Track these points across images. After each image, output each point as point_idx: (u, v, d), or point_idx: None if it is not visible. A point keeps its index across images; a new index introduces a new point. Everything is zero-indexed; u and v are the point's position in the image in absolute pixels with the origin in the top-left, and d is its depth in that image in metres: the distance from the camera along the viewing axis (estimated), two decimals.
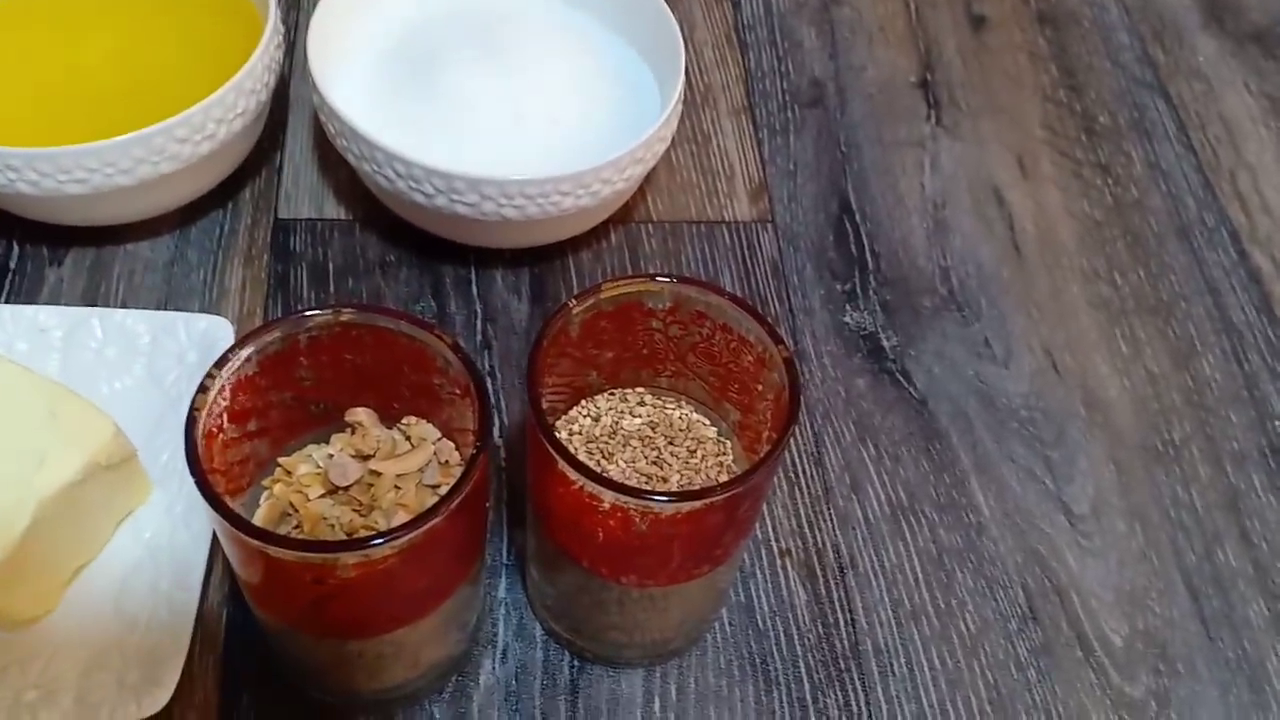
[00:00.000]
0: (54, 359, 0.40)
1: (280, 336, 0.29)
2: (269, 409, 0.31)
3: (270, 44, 0.42)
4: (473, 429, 0.29)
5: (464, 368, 0.29)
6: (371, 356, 0.31)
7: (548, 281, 0.46)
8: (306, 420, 0.33)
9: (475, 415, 0.28)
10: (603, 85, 0.46)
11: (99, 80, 0.44)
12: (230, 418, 0.30)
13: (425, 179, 0.39)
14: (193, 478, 0.28)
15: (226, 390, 0.29)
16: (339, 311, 0.30)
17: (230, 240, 0.45)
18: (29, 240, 0.44)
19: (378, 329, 0.30)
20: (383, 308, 0.30)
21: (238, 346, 0.29)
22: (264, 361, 0.30)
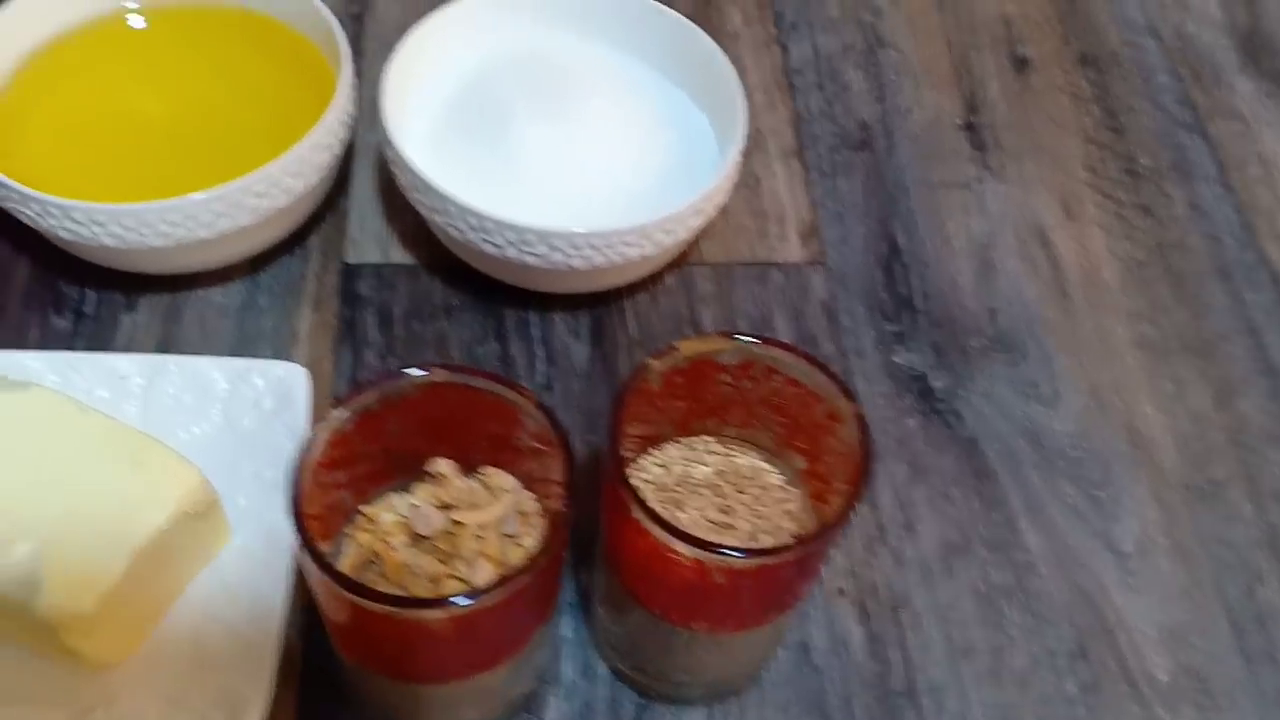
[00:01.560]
0: (133, 405, 0.41)
1: (378, 396, 0.31)
2: (357, 460, 0.33)
3: (344, 98, 0.43)
4: (557, 481, 0.31)
5: (550, 426, 0.30)
6: (457, 411, 0.32)
7: (606, 324, 0.47)
8: (388, 470, 0.34)
9: (561, 474, 0.29)
10: (661, 132, 0.47)
11: (167, 128, 0.46)
12: (323, 469, 0.31)
13: (497, 231, 0.41)
14: (295, 531, 0.29)
15: (324, 443, 0.31)
16: (433, 372, 0.31)
17: (299, 286, 0.47)
18: (103, 286, 0.46)
19: (467, 388, 0.31)
20: (473, 368, 0.31)
21: (341, 405, 0.30)
22: (359, 417, 0.31)
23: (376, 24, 0.57)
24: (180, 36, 0.48)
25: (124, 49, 0.47)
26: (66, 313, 0.45)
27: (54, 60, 0.46)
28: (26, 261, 0.46)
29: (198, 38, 0.48)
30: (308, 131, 0.44)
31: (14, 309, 0.45)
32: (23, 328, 0.44)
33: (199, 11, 0.48)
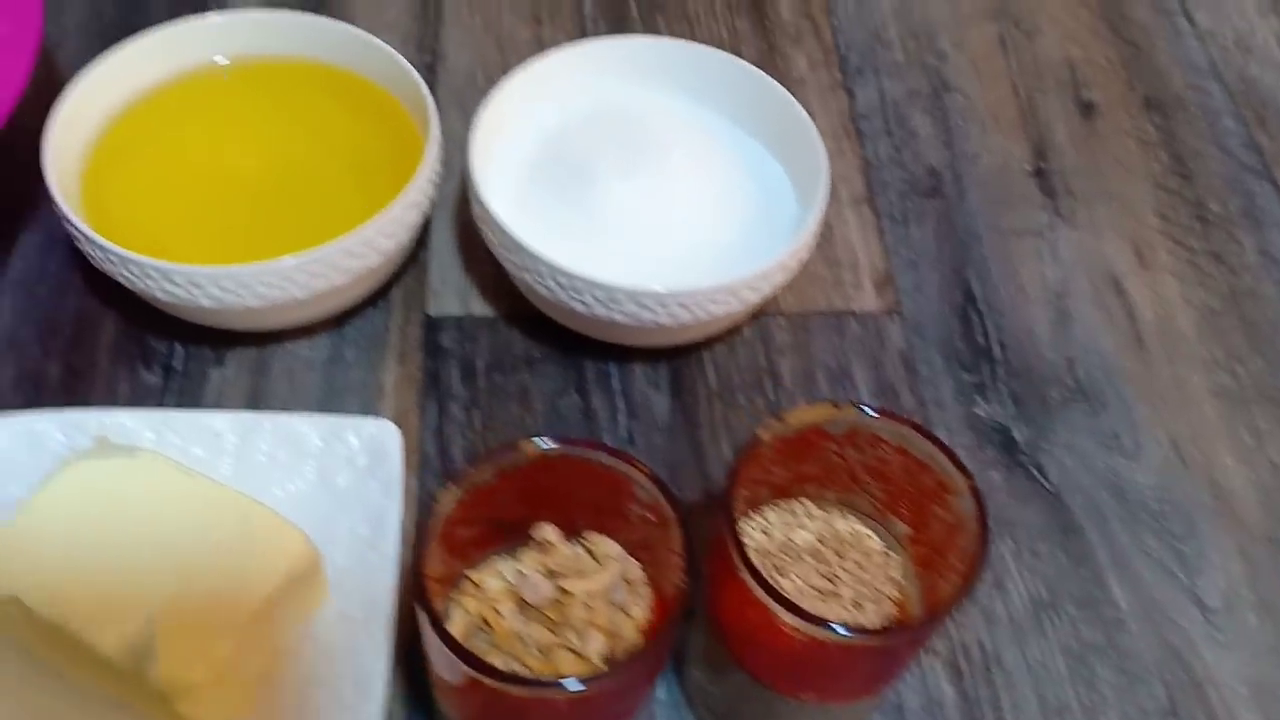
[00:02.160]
0: (227, 463, 0.41)
1: (495, 468, 0.31)
2: (465, 527, 0.33)
3: (433, 156, 0.44)
4: (672, 553, 0.31)
5: (666, 501, 0.30)
6: (567, 480, 0.32)
7: (685, 375, 0.47)
8: (493, 535, 0.35)
9: (679, 550, 0.30)
10: (739, 184, 0.47)
11: (252, 182, 0.46)
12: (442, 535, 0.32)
13: (586, 290, 0.41)
14: (419, 600, 0.29)
15: (449, 510, 0.31)
16: (546, 444, 0.31)
17: (383, 339, 0.47)
18: (191, 341, 0.46)
19: (580, 459, 0.31)
20: (588, 441, 0.32)
21: (455, 483, 0.31)
22: (472, 488, 0.31)
23: (448, 74, 0.57)
24: (265, 89, 0.48)
25: (211, 103, 0.48)
26: (156, 367, 0.45)
27: (143, 115, 0.47)
28: (114, 315, 0.47)
29: (282, 91, 0.48)
30: (392, 187, 0.44)
31: (103, 364, 0.45)
32: (112, 383, 0.45)
33: (284, 65, 0.48)
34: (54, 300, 0.47)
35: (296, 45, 0.48)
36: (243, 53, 0.49)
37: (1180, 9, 0.65)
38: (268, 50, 0.48)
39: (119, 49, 0.46)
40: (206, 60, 0.48)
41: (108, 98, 0.46)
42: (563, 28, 0.60)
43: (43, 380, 0.44)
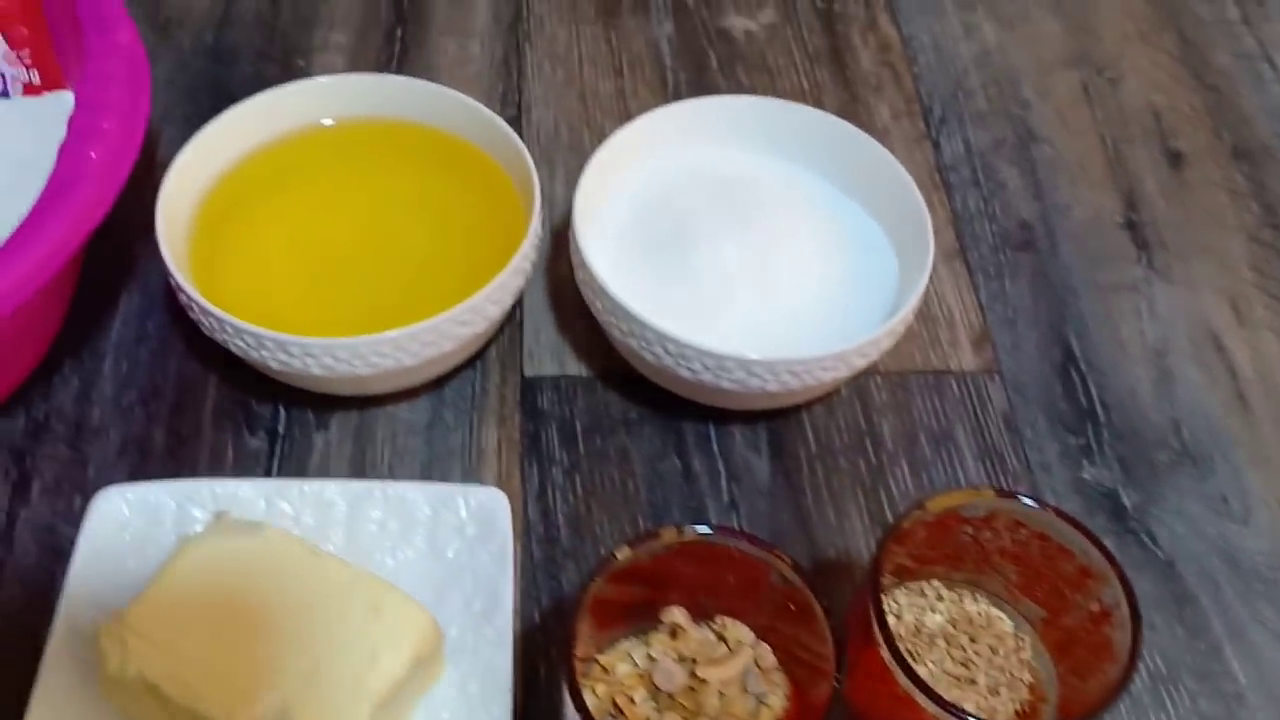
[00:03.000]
0: (339, 531, 0.41)
1: (632, 554, 0.30)
2: (598, 611, 0.33)
3: (537, 222, 0.44)
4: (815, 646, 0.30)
5: (810, 592, 0.30)
6: (704, 565, 0.32)
7: (785, 437, 0.47)
8: (621, 617, 0.34)
9: (828, 649, 0.29)
10: (839, 245, 0.47)
11: (353, 246, 0.46)
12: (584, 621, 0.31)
13: (696, 358, 0.41)
14: (569, 686, 0.29)
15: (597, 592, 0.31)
16: (684, 532, 0.31)
17: (482, 400, 0.47)
18: (294, 405, 0.46)
19: (721, 546, 0.31)
20: (726, 528, 0.31)
21: (598, 571, 0.30)
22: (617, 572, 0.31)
23: (532, 128, 0.57)
24: (367, 150, 0.48)
25: (315, 164, 0.48)
26: (260, 432, 0.45)
27: (248, 176, 0.47)
28: (215, 379, 0.47)
29: (384, 152, 0.48)
30: (490, 249, 0.45)
31: (207, 429, 0.45)
32: (218, 448, 0.45)
33: (387, 126, 0.48)
34: (156, 364, 0.47)
35: (398, 107, 0.48)
36: (348, 114, 0.49)
37: (1261, 54, 0.65)
38: (372, 112, 0.48)
39: (227, 114, 0.46)
40: (311, 120, 0.48)
41: (215, 161, 0.46)
42: (644, 80, 0.60)
43: (149, 446, 0.44)
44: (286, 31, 0.60)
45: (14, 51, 0.47)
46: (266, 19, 0.60)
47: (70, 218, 0.38)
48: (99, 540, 0.39)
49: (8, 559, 0.41)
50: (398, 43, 0.60)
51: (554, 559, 0.43)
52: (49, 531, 0.42)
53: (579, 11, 0.63)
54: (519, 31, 0.62)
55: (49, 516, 0.42)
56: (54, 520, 0.42)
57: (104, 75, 0.42)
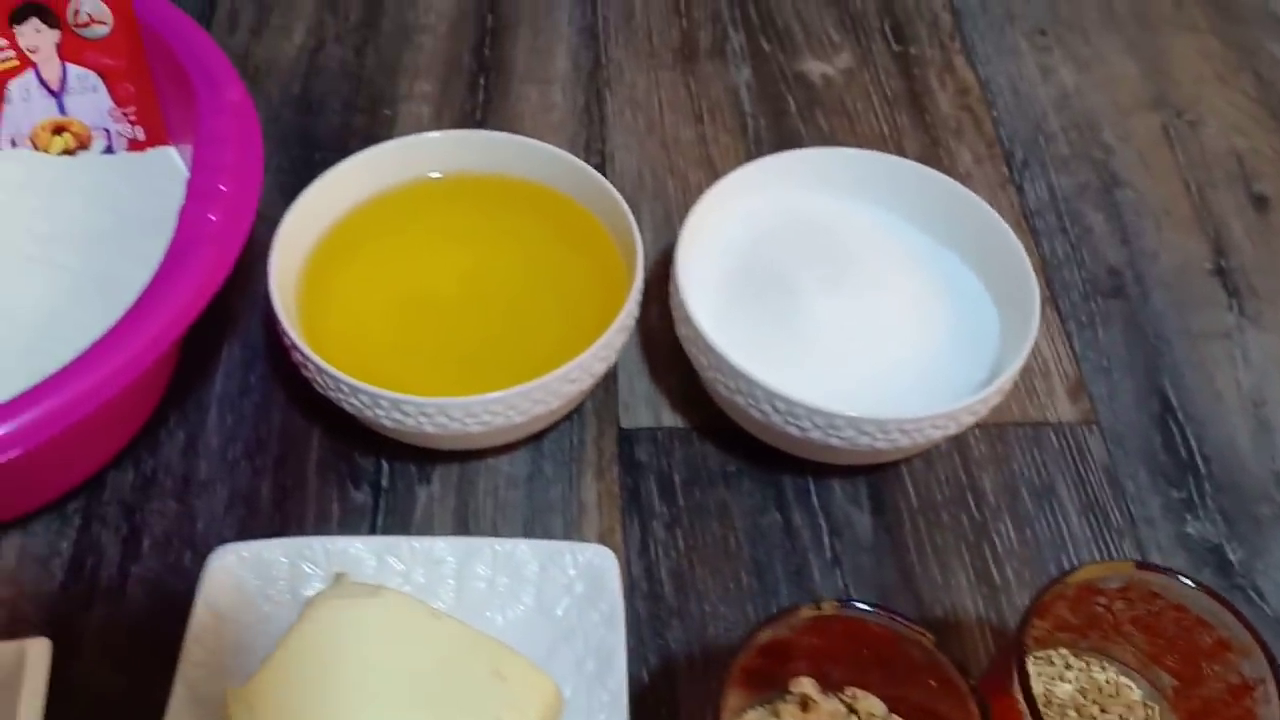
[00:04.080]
0: (449, 588, 0.41)
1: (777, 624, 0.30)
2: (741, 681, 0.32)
3: (640, 278, 0.44)
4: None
5: (954, 669, 0.30)
6: (833, 636, 0.32)
7: (885, 491, 0.47)
8: (746, 686, 0.34)
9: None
10: (939, 297, 0.47)
11: (456, 300, 0.46)
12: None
13: (806, 416, 0.41)
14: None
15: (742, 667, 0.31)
16: (824, 606, 0.31)
17: (580, 453, 0.47)
18: (397, 458, 0.46)
19: (859, 621, 0.31)
20: (872, 605, 0.31)
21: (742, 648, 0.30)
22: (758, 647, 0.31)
23: (616, 175, 0.58)
24: (470, 204, 0.49)
25: (419, 217, 0.48)
26: (365, 486, 0.46)
27: (355, 229, 0.47)
28: (318, 431, 0.47)
29: (487, 205, 0.49)
30: (590, 303, 0.45)
31: (312, 482, 0.46)
32: (324, 502, 0.45)
33: (490, 180, 0.49)
34: (259, 416, 0.47)
35: (502, 162, 0.48)
36: (454, 168, 0.49)
37: None
38: (477, 166, 0.49)
39: (335, 169, 0.47)
40: (419, 174, 0.49)
41: (321, 216, 0.47)
42: (724, 125, 0.60)
43: (255, 500, 0.45)
44: (372, 80, 0.61)
45: (120, 109, 0.48)
46: (352, 68, 0.61)
47: (195, 280, 0.38)
48: (215, 598, 0.40)
49: (120, 614, 0.41)
50: (481, 91, 0.61)
51: (659, 616, 0.43)
52: (160, 586, 0.42)
53: (657, 58, 0.64)
54: (599, 78, 0.62)
55: (159, 571, 0.42)
56: (164, 575, 0.42)
57: (217, 135, 0.43)
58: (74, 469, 0.43)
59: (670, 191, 0.57)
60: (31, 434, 0.35)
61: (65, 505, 0.44)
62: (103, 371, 0.36)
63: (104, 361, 0.36)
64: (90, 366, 0.36)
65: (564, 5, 0.66)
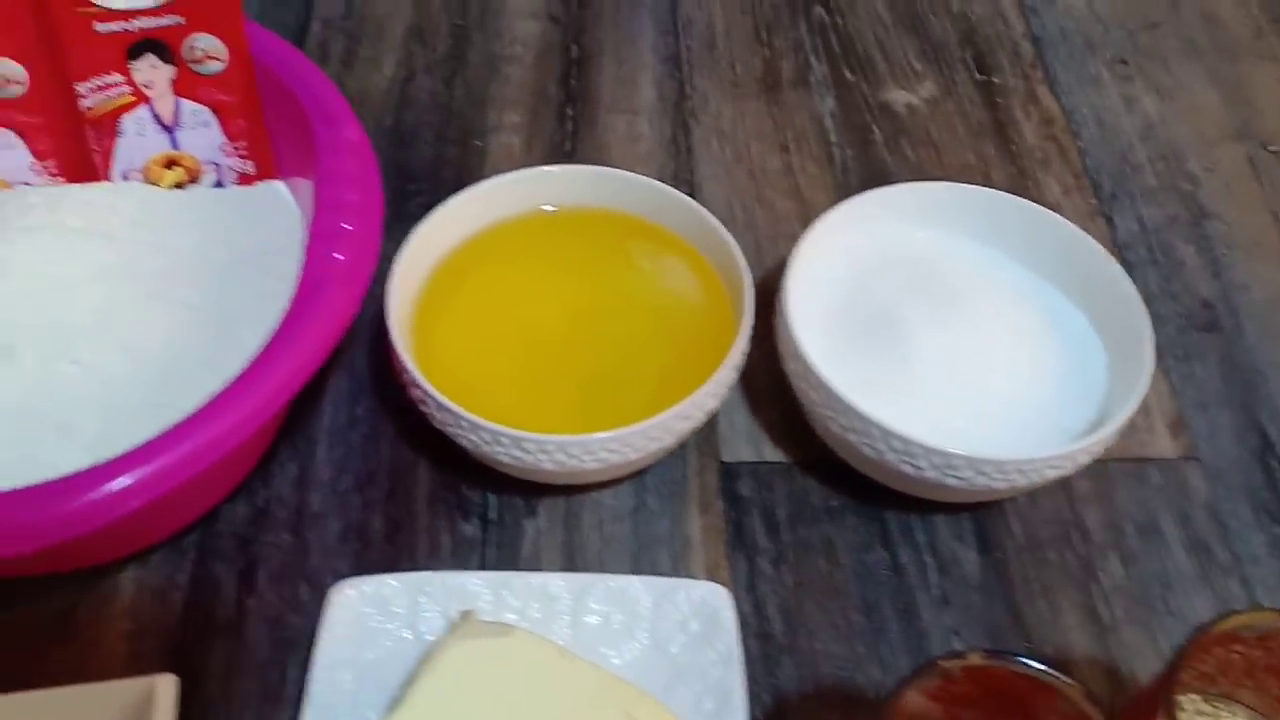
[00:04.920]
0: (563, 624, 0.41)
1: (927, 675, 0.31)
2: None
3: (750, 316, 0.44)
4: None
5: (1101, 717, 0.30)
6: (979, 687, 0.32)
7: (990, 528, 0.47)
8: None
9: None
10: (1046, 334, 0.47)
11: (563, 333, 0.47)
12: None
13: (923, 455, 0.41)
14: None
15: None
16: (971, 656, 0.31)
17: (682, 486, 0.47)
18: (503, 491, 0.47)
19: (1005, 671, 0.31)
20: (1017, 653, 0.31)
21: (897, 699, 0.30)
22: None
23: (704, 205, 0.57)
24: (581, 238, 0.49)
25: (529, 250, 0.49)
26: (473, 519, 0.46)
27: (462, 262, 0.48)
28: (425, 464, 0.47)
29: (598, 240, 0.49)
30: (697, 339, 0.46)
31: (422, 515, 0.46)
32: (434, 535, 0.45)
33: (600, 214, 0.49)
34: (367, 449, 0.48)
35: (609, 197, 0.49)
36: (566, 202, 0.50)
37: None
38: (585, 201, 0.49)
39: (445, 206, 0.47)
40: (533, 206, 0.49)
41: (432, 251, 0.47)
42: (810, 155, 0.61)
43: (367, 532, 0.45)
44: (461, 112, 0.61)
45: (232, 143, 0.48)
46: (441, 100, 0.62)
47: (326, 321, 0.39)
48: (338, 634, 0.40)
49: (239, 649, 0.42)
50: (569, 121, 0.61)
51: (770, 654, 0.43)
52: (278, 621, 0.42)
53: (741, 87, 0.64)
54: (684, 109, 0.63)
55: (277, 605, 0.43)
56: (282, 608, 0.43)
57: (338, 174, 0.43)
58: (197, 505, 0.44)
59: (759, 222, 0.57)
60: (173, 475, 0.35)
61: (181, 538, 0.44)
62: (238, 415, 0.36)
63: (239, 405, 0.36)
64: (226, 409, 0.36)
65: (646, 35, 0.67)
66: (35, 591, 0.42)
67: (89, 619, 0.42)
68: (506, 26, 0.66)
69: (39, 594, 0.43)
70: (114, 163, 0.48)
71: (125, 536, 0.41)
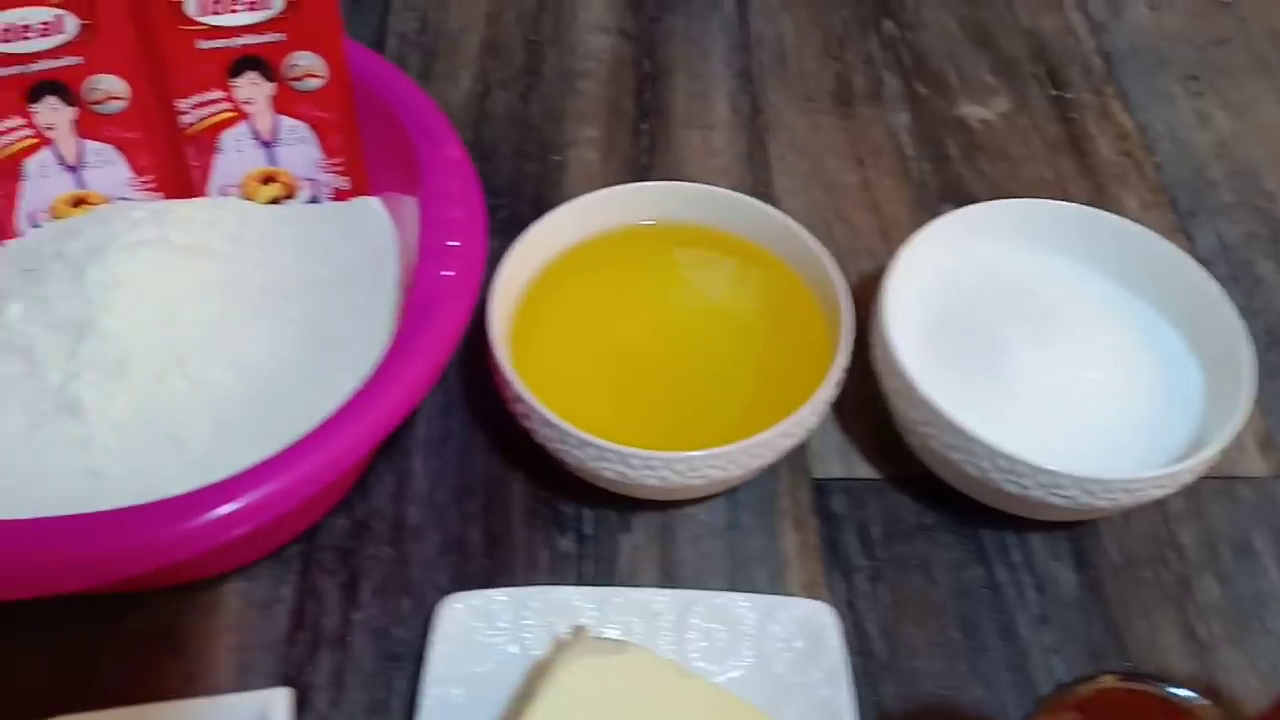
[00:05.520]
0: (666, 641, 0.41)
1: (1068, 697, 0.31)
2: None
3: (849, 334, 0.44)
4: None
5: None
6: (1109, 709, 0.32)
7: (1085, 546, 0.47)
8: None
9: None
10: (1139, 352, 0.47)
11: (658, 352, 0.47)
12: None
13: (1030, 475, 0.41)
14: None
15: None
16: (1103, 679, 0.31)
17: (775, 502, 0.48)
18: (597, 505, 0.47)
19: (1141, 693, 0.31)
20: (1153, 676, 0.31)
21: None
22: None
23: None
24: (677, 254, 0.49)
25: (622, 265, 0.49)
26: (569, 533, 0.46)
27: (555, 276, 0.48)
28: (520, 478, 0.48)
29: (689, 255, 0.49)
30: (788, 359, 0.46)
31: (518, 529, 0.46)
32: (532, 549, 0.46)
33: (692, 230, 0.50)
34: (462, 462, 0.48)
35: (704, 214, 0.49)
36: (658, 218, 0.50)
37: None
38: (684, 217, 0.49)
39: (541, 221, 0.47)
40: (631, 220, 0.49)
41: (528, 266, 0.47)
42: (887, 169, 0.61)
43: (466, 546, 0.45)
44: (539, 126, 0.62)
45: (328, 159, 0.49)
46: (518, 114, 0.62)
47: (439, 337, 0.39)
48: (447, 649, 0.40)
49: (347, 662, 0.42)
50: (645, 136, 0.62)
51: (872, 672, 0.43)
52: (383, 635, 0.43)
53: (814, 102, 0.64)
54: (758, 123, 0.63)
55: (381, 619, 0.43)
56: (386, 622, 0.43)
57: (442, 192, 0.44)
58: (308, 519, 0.44)
59: (838, 237, 0.58)
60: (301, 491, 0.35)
61: (283, 550, 0.45)
62: (360, 431, 0.37)
63: (361, 421, 0.37)
64: (345, 427, 0.37)
65: (718, 50, 0.67)
66: (141, 604, 0.43)
67: (195, 632, 0.42)
68: (579, 41, 0.67)
69: (145, 607, 0.43)
70: (212, 178, 0.49)
71: (235, 551, 0.41)
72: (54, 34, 0.45)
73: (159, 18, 0.46)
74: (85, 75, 0.46)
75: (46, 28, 0.45)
